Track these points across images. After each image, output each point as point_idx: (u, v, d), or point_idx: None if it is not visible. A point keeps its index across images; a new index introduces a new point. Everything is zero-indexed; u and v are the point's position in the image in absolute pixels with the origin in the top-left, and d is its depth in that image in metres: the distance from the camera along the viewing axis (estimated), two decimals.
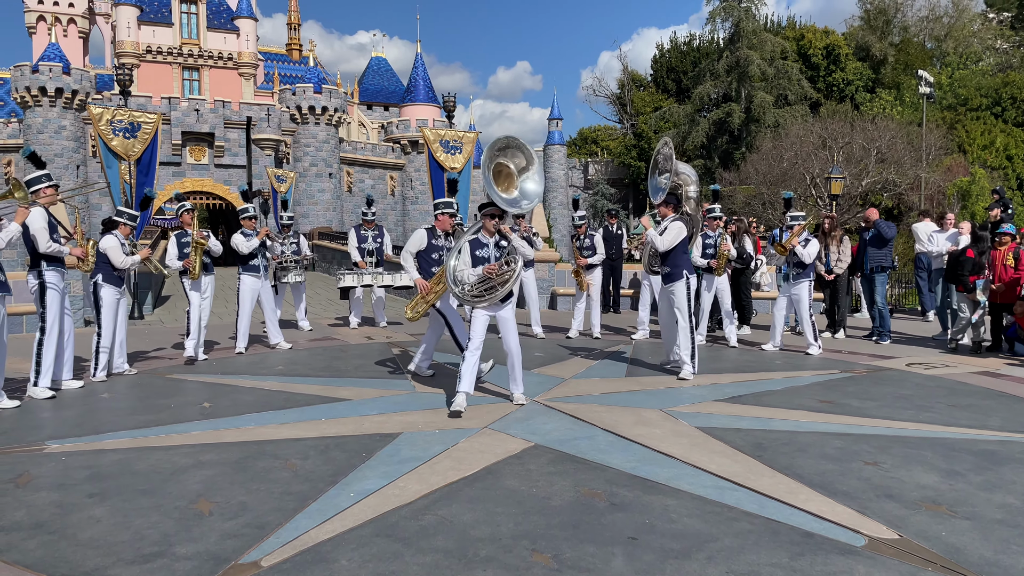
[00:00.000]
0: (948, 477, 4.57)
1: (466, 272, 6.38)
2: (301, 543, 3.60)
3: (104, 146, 13.50)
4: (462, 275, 6.40)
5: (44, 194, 7.00)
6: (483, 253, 6.45)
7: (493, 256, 6.46)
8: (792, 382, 7.68)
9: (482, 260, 6.42)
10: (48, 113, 39.89)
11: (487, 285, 6.36)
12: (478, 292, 6.39)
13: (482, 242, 6.49)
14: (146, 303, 15.02)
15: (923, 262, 13.06)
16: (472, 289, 6.39)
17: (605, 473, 4.65)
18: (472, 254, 6.42)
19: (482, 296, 6.39)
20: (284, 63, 55.87)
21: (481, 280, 6.36)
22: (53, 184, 7.07)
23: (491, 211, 6.48)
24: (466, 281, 6.38)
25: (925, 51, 49.39)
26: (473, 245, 6.46)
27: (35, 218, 6.75)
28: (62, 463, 4.91)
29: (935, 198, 30.61)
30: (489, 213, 6.49)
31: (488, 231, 6.52)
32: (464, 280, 6.39)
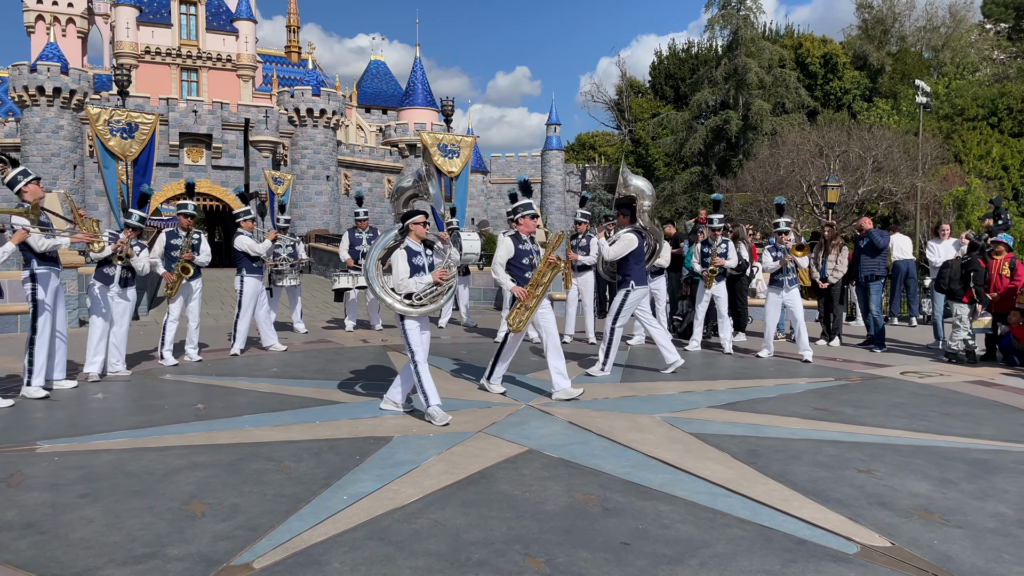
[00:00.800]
0: (941, 485, 4.58)
1: (410, 282, 6.12)
2: (293, 545, 3.59)
3: (101, 146, 13.48)
4: (404, 286, 6.12)
5: (27, 190, 6.99)
6: (419, 261, 6.23)
7: (428, 264, 6.29)
8: (786, 389, 7.69)
9: (419, 268, 6.21)
10: (46, 112, 39.86)
11: (436, 292, 6.22)
12: (427, 300, 6.20)
13: (415, 250, 6.27)
14: (142, 304, 14.99)
15: (900, 269, 13.29)
16: (420, 298, 6.17)
17: (599, 478, 4.65)
18: (409, 262, 6.16)
19: (430, 304, 6.21)
20: (283, 65, 55.93)
21: (430, 288, 6.17)
22: (33, 178, 7.05)
23: (420, 218, 6.31)
24: (412, 290, 6.13)
25: (922, 61, 49.63)
26: (409, 254, 6.20)
27: (24, 222, 6.73)
28: (55, 463, 4.89)
29: (931, 207, 30.70)
30: (419, 221, 6.31)
31: (418, 238, 6.33)
32: (408, 289, 6.13)
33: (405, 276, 6.11)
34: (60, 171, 38.64)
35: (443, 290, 6.25)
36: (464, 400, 6.95)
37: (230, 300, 16.34)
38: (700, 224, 11.77)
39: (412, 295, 6.14)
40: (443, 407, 6.09)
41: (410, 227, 6.29)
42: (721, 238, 10.33)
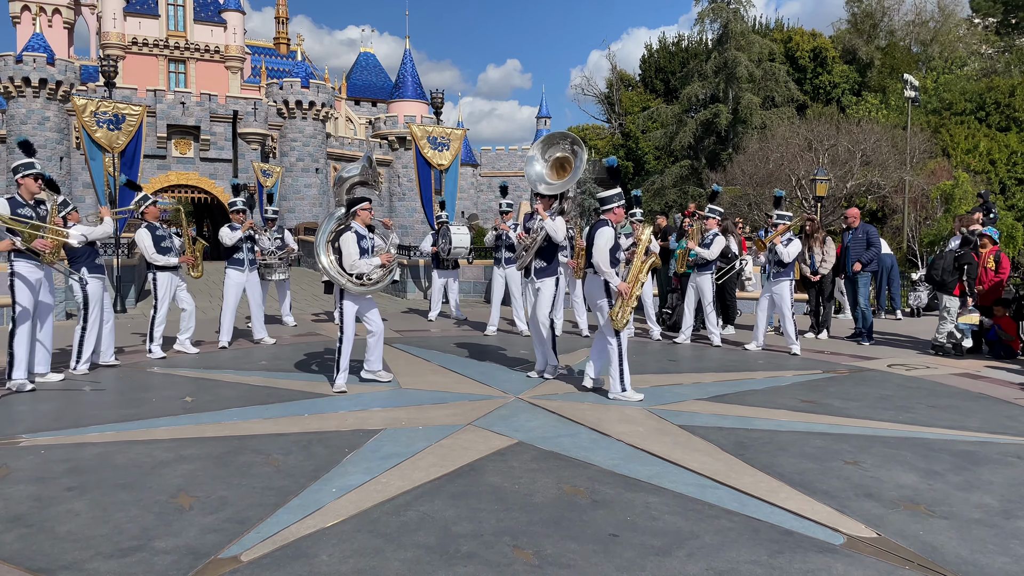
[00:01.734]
0: (927, 477, 4.61)
1: (361, 263, 6.86)
2: (282, 538, 3.58)
3: (88, 138, 13.39)
4: (356, 267, 6.85)
5: (23, 183, 6.92)
6: (366, 244, 7.07)
7: (371, 247, 7.13)
8: (774, 382, 7.72)
9: (365, 251, 7.00)
10: (32, 104, 39.50)
11: (385, 272, 7.07)
12: (377, 279, 7.01)
13: (361, 234, 7.08)
14: (129, 296, 14.91)
15: (884, 263, 13.41)
16: (369, 278, 6.95)
17: (588, 470, 4.66)
18: (357, 245, 6.92)
19: (379, 282, 7.04)
20: (271, 57, 55.56)
21: (377, 269, 6.98)
22: (34, 173, 6.97)
23: (365, 205, 7.10)
24: (363, 271, 6.89)
25: (911, 55, 49.81)
26: (357, 237, 6.98)
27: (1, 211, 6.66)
28: (41, 456, 4.86)
29: (919, 201, 30.85)
30: (365, 207, 7.09)
31: (363, 222, 7.14)
32: (360, 270, 6.88)
33: (355, 257, 6.86)
34: (47, 163, 38.24)
35: (387, 271, 7.08)
36: (453, 393, 6.95)
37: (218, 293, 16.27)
38: (687, 217, 11.79)
39: (363, 275, 6.92)
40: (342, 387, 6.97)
41: (358, 212, 7.07)
42: (714, 229, 10.32)
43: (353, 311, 7.05)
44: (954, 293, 9.70)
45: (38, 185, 7.03)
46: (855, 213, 11.32)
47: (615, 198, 6.86)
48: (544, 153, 7.20)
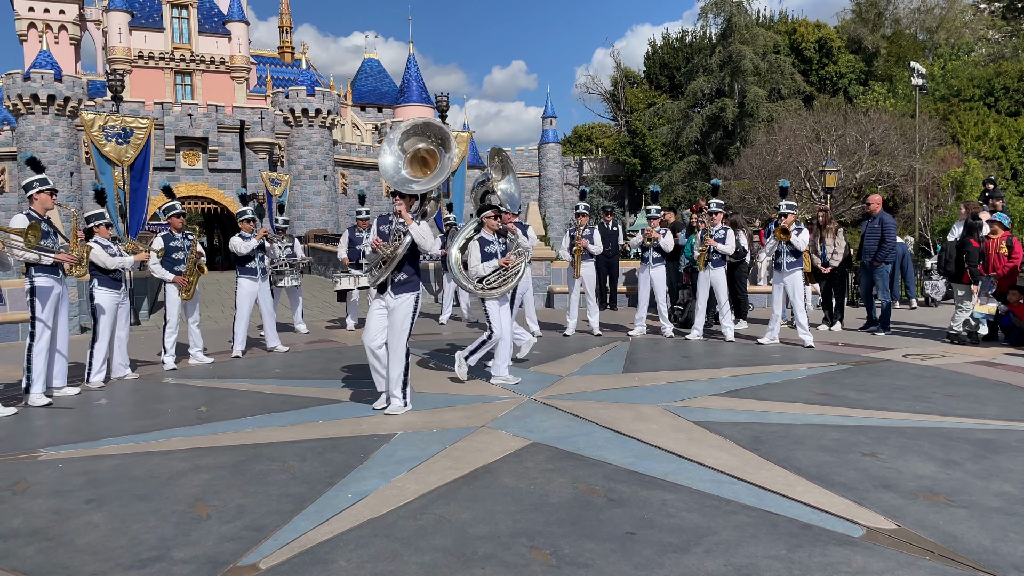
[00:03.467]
0: (945, 466, 4.58)
1: (480, 267, 7.13)
2: (299, 545, 3.59)
3: (97, 152, 13.49)
4: (476, 271, 7.13)
5: (37, 198, 6.98)
6: (491, 249, 7.26)
7: (499, 251, 7.31)
8: (789, 375, 7.69)
9: (491, 255, 7.22)
10: (41, 120, 39.80)
11: (504, 276, 7.21)
12: (496, 284, 7.18)
13: (488, 239, 7.29)
14: (142, 309, 15.00)
15: (897, 252, 13.31)
16: (490, 282, 7.16)
17: (603, 469, 4.65)
18: (482, 251, 7.19)
19: (500, 287, 7.21)
20: (276, 66, 55.82)
21: (496, 272, 7.18)
22: (48, 189, 7.04)
23: (491, 212, 7.28)
24: (482, 275, 7.13)
25: (917, 43, 49.49)
26: (482, 243, 7.23)
27: (16, 225, 6.70)
28: (59, 469, 4.90)
29: (930, 189, 30.64)
30: (491, 215, 7.27)
31: (491, 229, 7.33)
32: (479, 274, 7.13)
33: (478, 263, 7.14)
34: (57, 178, 38.54)
35: (511, 274, 7.25)
36: (466, 395, 6.96)
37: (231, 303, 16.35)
38: (695, 213, 11.75)
39: (483, 279, 7.15)
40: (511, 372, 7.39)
41: (483, 220, 7.30)
42: (720, 224, 10.29)
43: (497, 309, 7.33)
44: (963, 280, 9.64)
45: (52, 200, 7.10)
46: (877, 200, 11.16)
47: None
48: (403, 141, 6.13)
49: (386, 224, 6.22)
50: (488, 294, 7.20)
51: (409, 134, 6.14)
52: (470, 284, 7.24)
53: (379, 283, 6.26)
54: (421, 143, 6.12)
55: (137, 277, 14.86)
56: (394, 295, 6.23)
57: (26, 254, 6.60)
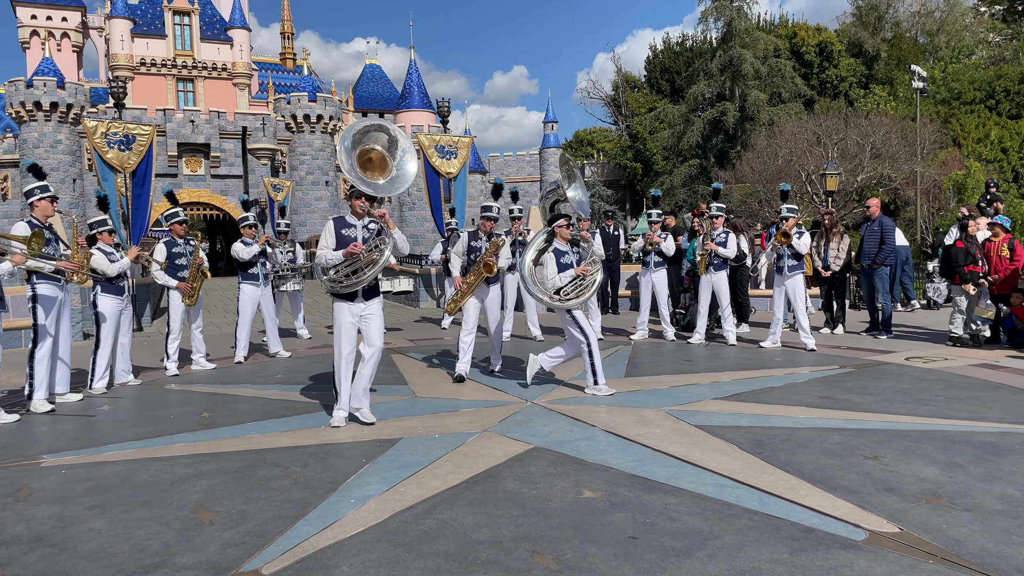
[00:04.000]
0: (948, 470, 4.57)
1: (556, 278, 6.97)
2: (302, 550, 3.59)
3: (100, 159, 13.50)
4: (553, 282, 6.97)
5: (38, 205, 7.00)
6: (567, 260, 7.10)
7: (574, 261, 7.15)
8: (791, 378, 7.68)
9: (567, 266, 7.05)
10: (43, 127, 39.89)
11: (580, 286, 7.05)
12: (573, 294, 7.01)
13: (562, 250, 7.13)
14: (145, 315, 15.01)
15: (900, 254, 13.32)
16: (567, 293, 7.01)
17: (605, 473, 4.65)
18: (558, 262, 7.04)
19: (577, 297, 7.01)
20: (278, 72, 55.95)
21: (572, 281, 7.02)
22: (49, 196, 7.05)
23: (563, 221, 7.11)
24: (559, 285, 6.97)
25: (918, 46, 49.51)
26: (557, 254, 7.07)
27: (18, 232, 6.72)
28: (62, 476, 4.90)
29: (931, 192, 30.63)
30: (563, 224, 7.11)
31: (564, 239, 7.15)
32: (557, 285, 6.97)
33: (554, 275, 6.98)
34: (60, 185, 38.62)
35: (587, 283, 7.06)
36: (468, 400, 6.96)
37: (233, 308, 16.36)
38: (696, 216, 11.76)
39: (560, 290, 6.98)
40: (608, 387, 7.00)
41: (556, 230, 7.14)
42: (721, 228, 10.30)
43: (584, 317, 7.18)
44: (955, 282, 9.64)
45: (53, 207, 7.11)
46: (876, 203, 11.19)
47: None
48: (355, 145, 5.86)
49: (348, 228, 6.02)
50: (566, 304, 7.00)
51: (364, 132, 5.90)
52: (545, 296, 7.05)
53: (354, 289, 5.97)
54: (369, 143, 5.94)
55: (140, 283, 14.87)
56: (367, 301, 6.08)
57: (28, 261, 6.60)
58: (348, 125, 6.69)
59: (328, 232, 6.04)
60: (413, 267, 18.76)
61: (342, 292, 5.98)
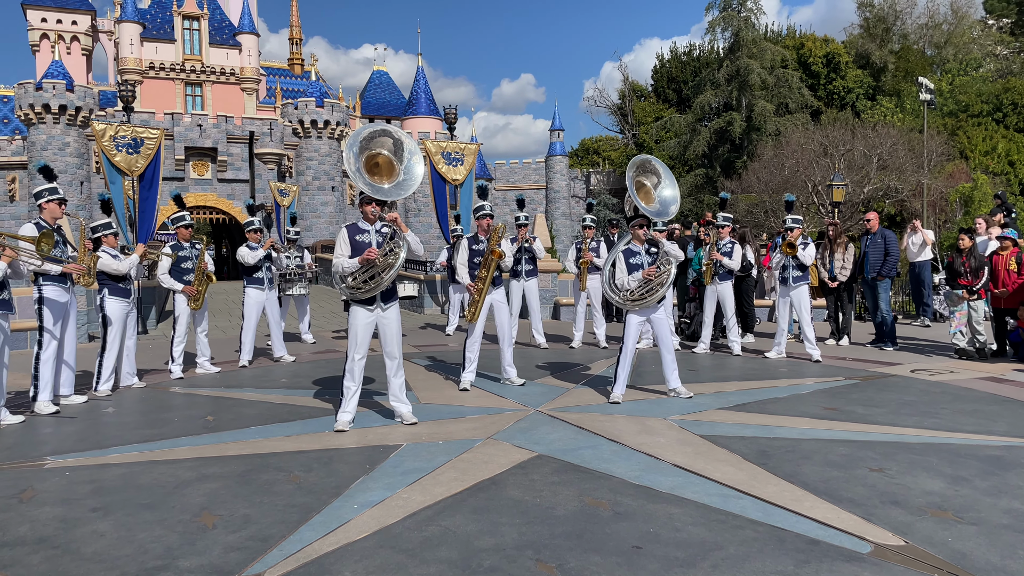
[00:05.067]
0: (954, 483, 4.55)
1: (624, 279, 6.98)
2: (304, 555, 3.59)
3: (107, 162, 13.56)
4: (622, 283, 6.99)
5: (47, 207, 7.02)
6: (637, 260, 7.08)
7: (646, 262, 7.10)
8: (796, 389, 7.66)
9: (637, 267, 7.04)
10: (52, 130, 40.09)
11: (646, 288, 7.00)
12: (639, 296, 7.00)
13: (634, 251, 7.13)
14: (150, 318, 15.04)
15: (915, 269, 13.27)
16: (633, 294, 7.00)
17: (609, 482, 4.64)
18: (627, 263, 7.05)
19: (643, 299, 6.97)
20: (286, 78, 56.17)
21: (641, 284, 6.95)
22: (58, 198, 7.08)
23: (639, 222, 7.10)
24: (627, 287, 6.98)
25: (925, 58, 49.52)
26: (627, 255, 7.09)
27: (26, 233, 6.73)
28: (66, 478, 4.91)
29: (937, 204, 30.57)
30: (638, 224, 7.10)
31: (638, 240, 7.16)
32: (625, 286, 6.99)
33: (623, 275, 7.00)
34: (68, 188, 38.79)
35: (654, 286, 7.00)
36: (472, 407, 6.95)
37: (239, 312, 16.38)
38: (702, 226, 11.75)
39: (629, 291, 6.99)
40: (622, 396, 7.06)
41: (632, 230, 7.18)
42: (728, 237, 10.29)
43: (635, 322, 7.13)
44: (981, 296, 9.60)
45: (61, 209, 7.14)
46: (875, 217, 11.22)
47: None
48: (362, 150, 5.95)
49: (362, 234, 6.09)
50: (633, 306, 6.98)
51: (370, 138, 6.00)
52: (616, 295, 7.07)
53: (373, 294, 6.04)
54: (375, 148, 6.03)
55: (145, 286, 14.91)
56: (385, 304, 6.16)
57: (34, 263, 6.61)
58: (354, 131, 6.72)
59: (342, 240, 6.11)
60: (418, 273, 18.77)
61: (361, 298, 6.04)
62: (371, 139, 6.01)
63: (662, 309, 7.33)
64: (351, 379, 6.14)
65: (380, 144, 6.06)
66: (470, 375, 7.92)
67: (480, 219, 8.17)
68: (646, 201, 7.10)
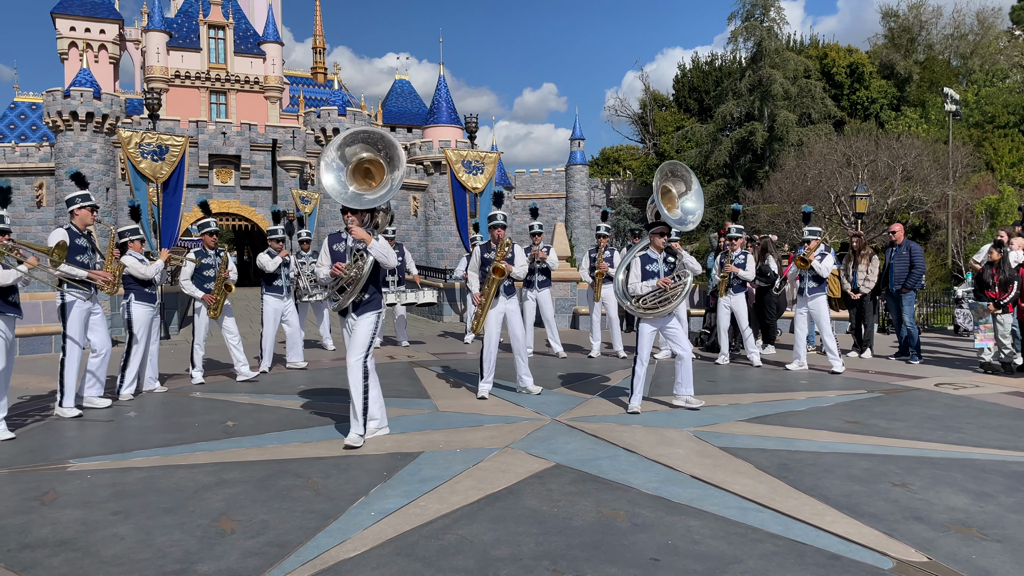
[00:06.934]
0: (978, 499, 4.47)
1: (637, 285, 6.88)
2: (322, 562, 3.59)
3: (133, 169, 13.73)
4: (634, 289, 6.88)
5: (78, 214, 7.13)
6: (653, 268, 6.97)
7: (662, 271, 6.99)
8: (817, 402, 7.58)
9: (652, 275, 6.93)
10: (79, 137, 40.68)
11: (661, 297, 6.84)
12: (651, 304, 6.87)
13: (651, 257, 7.03)
14: (172, 323, 15.18)
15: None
16: (646, 302, 6.84)
17: (627, 493, 4.61)
18: (643, 269, 6.94)
19: (655, 308, 6.85)
20: (309, 86, 56.67)
21: (654, 292, 6.83)
22: (90, 205, 7.19)
23: (659, 229, 6.98)
24: (639, 293, 6.86)
25: (950, 69, 49.04)
26: (643, 260, 6.99)
27: (53, 239, 6.82)
28: (87, 481, 4.95)
29: (963, 216, 30.22)
30: (658, 231, 6.97)
31: (657, 248, 7.05)
32: (637, 292, 6.87)
33: (636, 280, 6.90)
34: (93, 194, 39.20)
35: (668, 296, 6.83)
36: (490, 415, 6.95)
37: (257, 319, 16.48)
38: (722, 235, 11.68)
39: (640, 298, 6.88)
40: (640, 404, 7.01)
41: (651, 237, 7.04)
42: (740, 249, 10.23)
43: (648, 332, 6.99)
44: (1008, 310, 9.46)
45: (93, 216, 7.24)
46: (900, 228, 11.09)
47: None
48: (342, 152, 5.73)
49: (340, 243, 6.01)
50: (643, 314, 6.84)
51: (347, 143, 5.73)
52: (627, 301, 6.99)
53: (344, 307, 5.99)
54: (364, 152, 5.76)
55: (168, 291, 15.07)
56: (356, 316, 6.00)
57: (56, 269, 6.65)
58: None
59: (323, 249, 6.07)
60: (437, 281, 18.81)
61: (339, 310, 6.05)
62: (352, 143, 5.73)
63: (675, 319, 7.23)
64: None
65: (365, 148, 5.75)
66: (487, 384, 7.89)
67: (492, 228, 8.15)
68: (669, 207, 6.99)
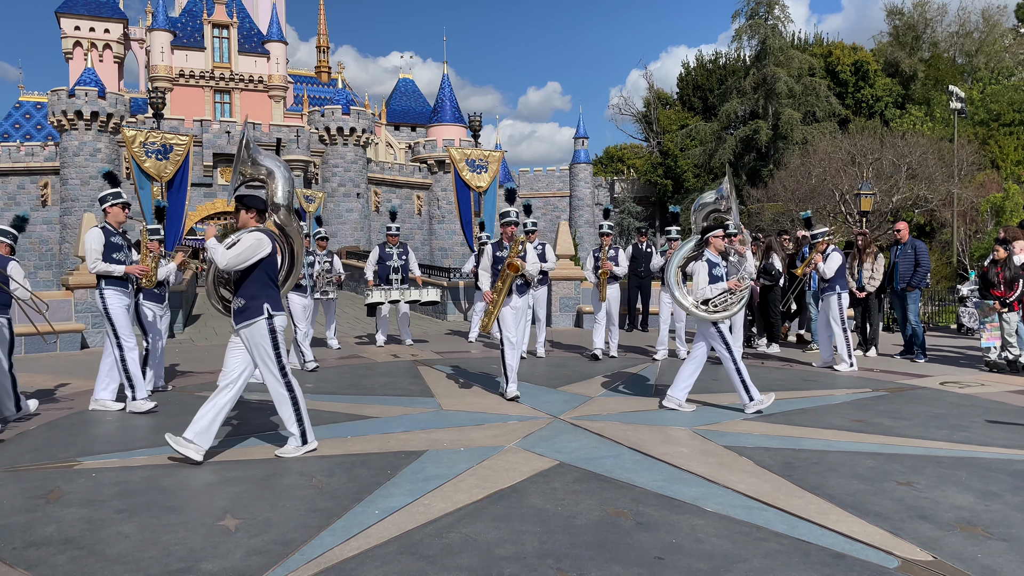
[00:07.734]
0: (984, 498, 4.46)
1: (706, 289, 6.87)
2: (326, 560, 3.59)
3: (137, 168, 13.77)
4: (702, 293, 6.87)
5: (111, 211, 7.19)
6: (719, 272, 6.99)
7: (725, 273, 7.03)
8: (823, 400, 7.56)
9: (718, 279, 6.94)
10: (84, 136, 40.80)
11: (729, 300, 6.91)
12: (720, 307, 6.90)
13: (714, 261, 7.02)
14: (177, 321, 15.20)
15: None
16: (715, 305, 6.89)
17: (631, 492, 4.60)
18: (709, 273, 6.92)
19: (726, 309, 6.87)
20: (313, 85, 56.77)
21: (722, 295, 6.90)
22: (122, 202, 7.24)
23: (719, 232, 7.02)
24: (708, 296, 6.87)
25: (956, 66, 48.93)
26: (709, 265, 6.97)
27: (90, 239, 6.89)
28: (92, 479, 4.96)
29: (968, 214, 30.14)
30: (718, 234, 7.01)
31: (717, 250, 7.07)
32: (705, 296, 6.87)
33: (704, 284, 6.87)
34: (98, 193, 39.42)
35: (736, 299, 6.90)
36: (494, 414, 6.94)
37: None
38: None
39: (708, 301, 6.87)
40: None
41: (710, 240, 7.03)
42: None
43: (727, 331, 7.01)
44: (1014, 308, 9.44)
45: (125, 213, 7.30)
46: (905, 227, 11.07)
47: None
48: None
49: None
50: (712, 317, 6.85)
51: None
52: (687, 302, 6.93)
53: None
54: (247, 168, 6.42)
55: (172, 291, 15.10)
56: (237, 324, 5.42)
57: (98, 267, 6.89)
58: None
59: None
60: (441, 280, 18.82)
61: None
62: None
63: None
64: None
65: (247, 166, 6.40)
66: (514, 385, 7.57)
67: (504, 226, 8.04)
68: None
